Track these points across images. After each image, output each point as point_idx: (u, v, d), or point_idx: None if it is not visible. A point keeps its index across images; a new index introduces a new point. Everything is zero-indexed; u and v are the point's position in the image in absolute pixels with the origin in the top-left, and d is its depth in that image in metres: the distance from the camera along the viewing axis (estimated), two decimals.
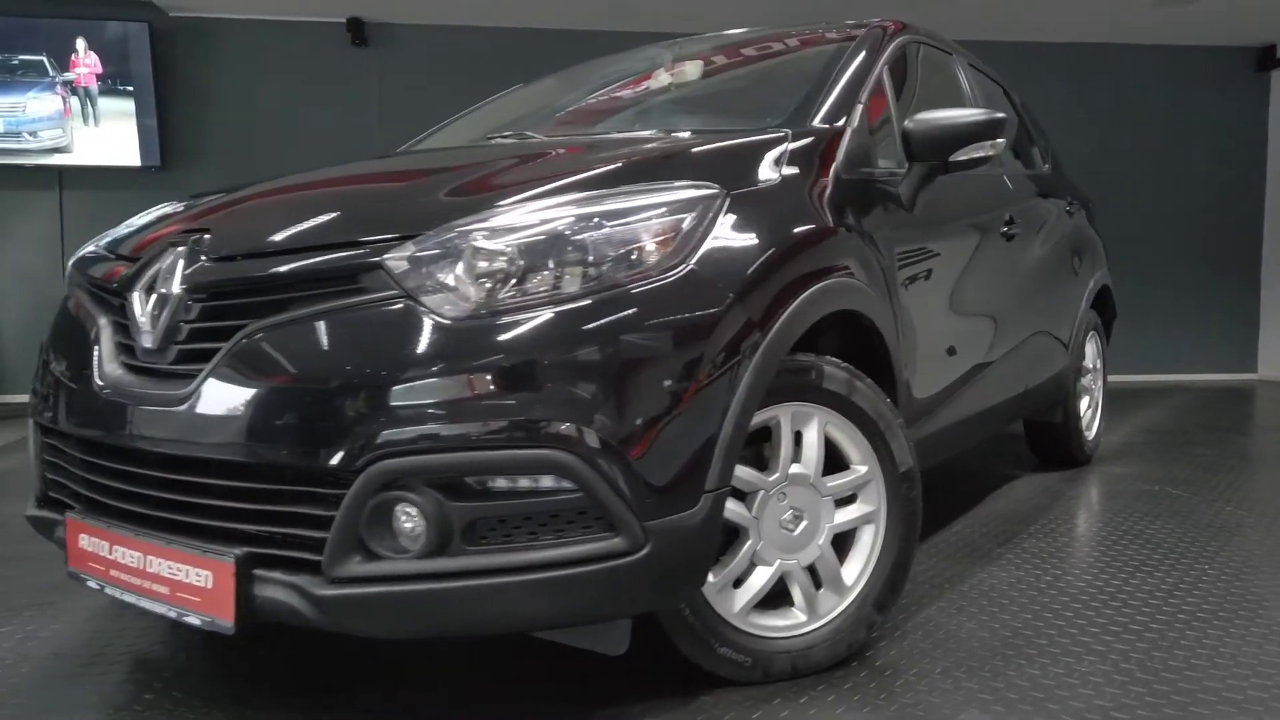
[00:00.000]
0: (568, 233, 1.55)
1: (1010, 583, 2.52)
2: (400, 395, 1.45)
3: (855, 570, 1.97)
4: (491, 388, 1.45)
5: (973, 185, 2.75)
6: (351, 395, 1.46)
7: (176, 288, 1.65)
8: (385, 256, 1.51)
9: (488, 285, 1.50)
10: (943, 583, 2.52)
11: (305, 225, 1.66)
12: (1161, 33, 6.88)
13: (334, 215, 1.69)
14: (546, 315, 1.49)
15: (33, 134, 6.02)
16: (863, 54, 2.46)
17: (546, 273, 1.53)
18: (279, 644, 2.10)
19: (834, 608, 1.94)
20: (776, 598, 1.92)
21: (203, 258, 1.67)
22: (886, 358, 2.10)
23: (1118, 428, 5.05)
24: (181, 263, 1.67)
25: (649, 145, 1.90)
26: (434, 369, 1.46)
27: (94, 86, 6.04)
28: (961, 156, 2.32)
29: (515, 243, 1.53)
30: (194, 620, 1.59)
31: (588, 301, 1.52)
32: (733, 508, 1.80)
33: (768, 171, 1.88)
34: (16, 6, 5.92)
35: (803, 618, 1.91)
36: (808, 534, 1.89)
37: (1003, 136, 2.35)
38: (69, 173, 6.18)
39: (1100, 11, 6.36)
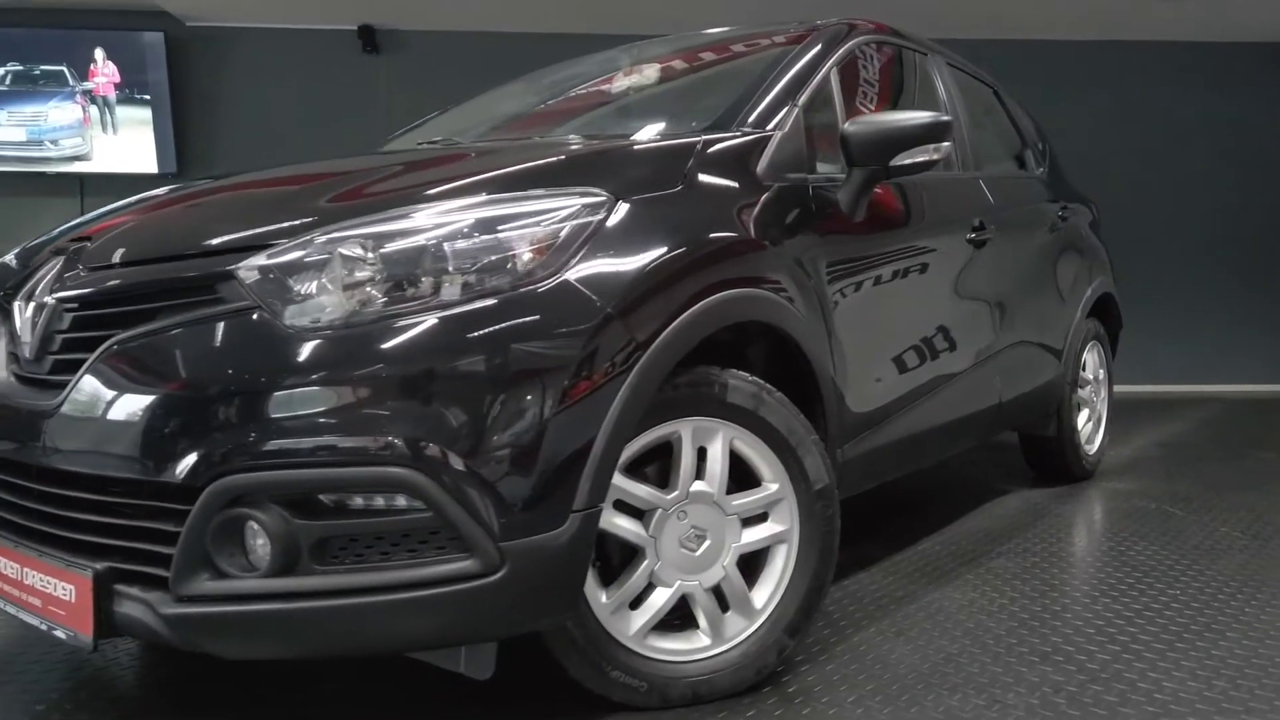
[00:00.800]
0: (427, 243, 1.50)
1: (961, 605, 2.41)
2: (245, 409, 1.42)
3: (766, 592, 1.89)
4: (336, 402, 1.41)
5: (932, 190, 2.65)
6: (199, 409, 1.43)
7: (50, 297, 1.64)
8: (238, 266, 1.48)
9: (338, 296, 1.46)
10: (890, 603, 2.42)
11: (174, 234, 1.64)
12: (1179, 29, 6.61)
13: (203, 224, 1.67)
14: (396, 328, 1.44)
15: (54, 142, 6.17)
16: (807, 56, 2.38)
17: (402, 284, 1.48)
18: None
19: (741, 631, 1.86)
20: (688, 620, 1.85)
21: (79, 267, 1.66)
22: (809, 371, 2.01)
23: (1130, 440, 4.86)
24: (55, 272, 1.66)
25: (543, 151, 1.84)
26: (279, 382, 1.42)
27: (112, 95, 6.17)
28: (903, 161, 2.22)
29: (370, 253, 1.49)
30: (60, 634, 1.57)
31: (442, 314, 1.47)
32: (628, 526, 1.74)
33: (669, 177, 1.82)
34: (37, 18, 6.07)
35: (707, 641, 1.84)
36: (711, 554, 1.82)
37: (947, 140, 2.26)
38: (90, 180, 6.32)
39: (1112, 8, 6.15)
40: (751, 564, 1.92)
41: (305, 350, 1.43)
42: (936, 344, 2.58)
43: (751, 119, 2.14)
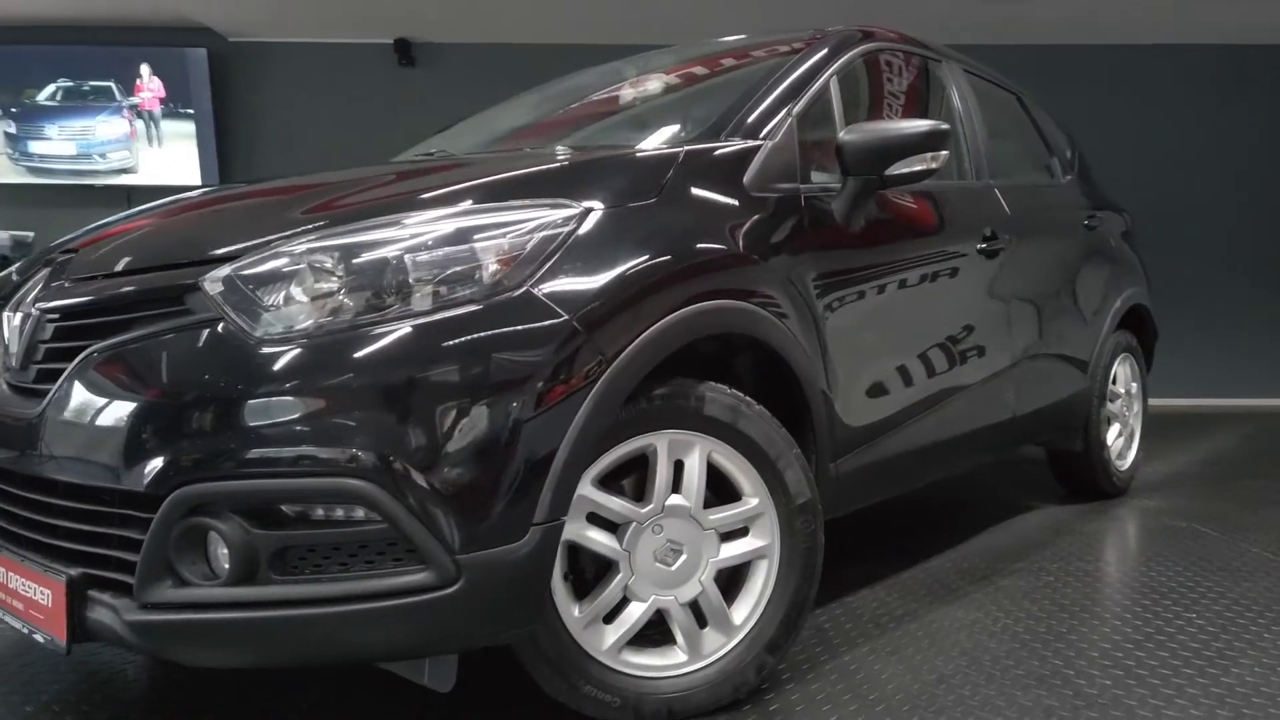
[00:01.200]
0: (388, 255, 1.51)
1: (962, 624, 2.35)
2: (205, 419, 1.43)
3: (746, 609, 1.86)
4: (292, 414, 1.42)
5: (937, 200, 2.60)
6: (162, 418, 1.45)
7: (34, 308, 1.68)
8: (203, 277, 1.50)
9: (299, 308, 1.47)
10: (889, 621, 2.37)
11: (151, 246, 1.67)
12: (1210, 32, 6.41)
13: (179, 236, 1.70)
14: (354, 340, 1.45)
15: (102, 156, 6.36)
16: (806, 64, 2.35)
17: (363, 296, 1.49)
18: None
19: (720, 648, 1.84)
20: (667, 635, 1.83)
21: (63, 278, 1.70)
22: (796, 383, 1.98)
23: (1167, 456, 4.71)
24: (41, 283, 1.70)
25: (522, 163, 1.84)
26: (238, 393, 1.43)
27: (158, 110, 6.34)
28: (899, 170, 2.18)
29: (333, 265, 1.50)
30: (39, 638, 1.60)
31: (401, 326, 1.47)
32: (601, 539, 1.73)
33: (645, 188, 1.80)
34: (86, 36, 6.27)
35: (684, 657, 1.81)
36: (687, 569, 1.79)
37: (944, 149, 2.21)
38: (136, 192, 6.49)
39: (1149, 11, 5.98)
40: (736, 579, 1.90)
41: (264, 362, 1.44)
42: (941, 356, 2.52)
43: (742, 128, 2.12)
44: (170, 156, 6.39)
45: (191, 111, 6.36)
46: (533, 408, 1.50)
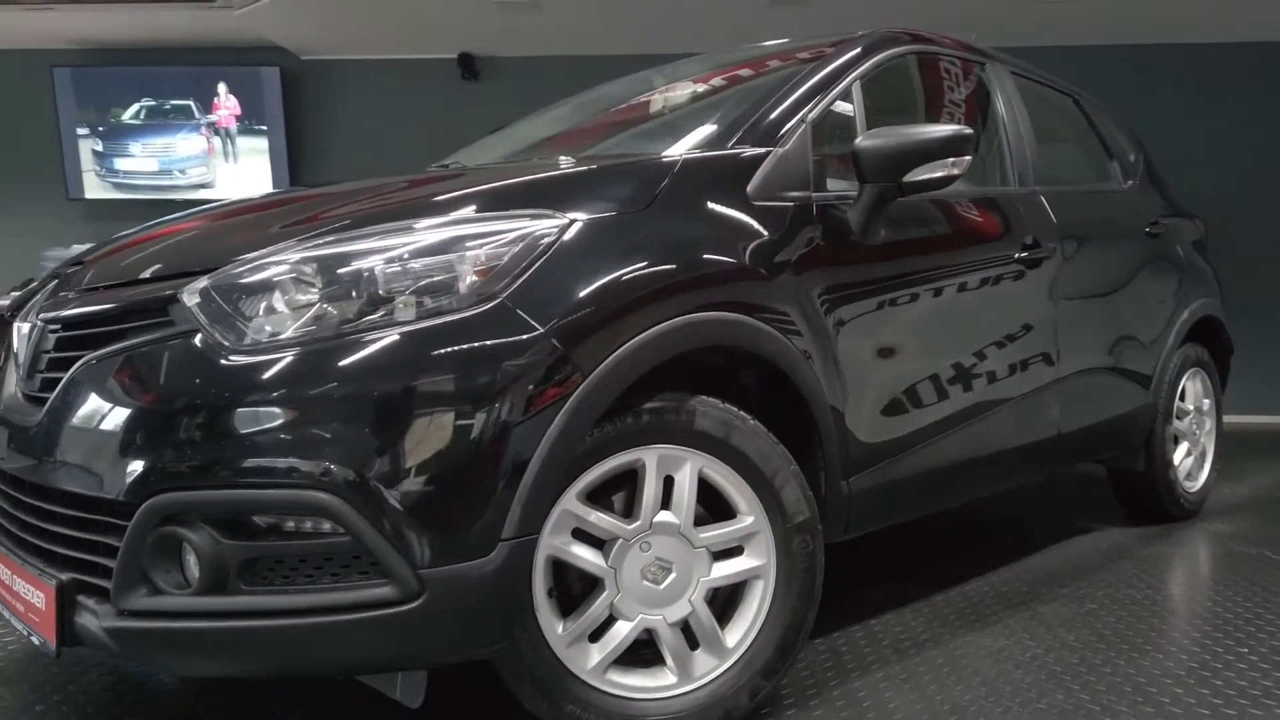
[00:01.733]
0: (361, 268, 1.51)
1: (989, 652, 2.24)
2: (181, 430, 1.45)
3: (740, 631, 1.81)
4: (261, 425, 1.43)
5: (968, 207, 2.49)
6: (140, 428, 1.48)
7: (39, 318, 1.73)
8: (182, 290, 1.52)
9: (273, 319, 1.48)
10: (910, 646, 2.27)
11: (144, 259, 1.71)
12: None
13: (172, 249, 1.73)
14: (322, 352, 1.45)
15: (182, 171, 6.61)
16: (825, 70, 2.28)
17: (336, 308, 1.49)
18: None
19: (711, 670, 1.78)
20: (660, 656, 1.78)
21: (67, 290, 1.75)
22: (801, 398, 1.91)
23: (1246, 478, 4.43)
24: (48, 294, 1.76)
25: (517, 173, 1.82)
26: (210, 403, 1.45)
27: (233, 127, 6.57)
28: (918, 177, 2.10)
29: (308, 277, 1.51)
30: (35, 639, 1.65)
31: (369, 337, 1.46)
32: (586, 556, 1.70)
33: (636, 197, 1.77)
34: (167, 57, 6.54)
35: (673, 679, 1.76)
36: (676, 588, 1.75)
37: (968, 154, 2.12)
38: None
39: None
40: (734, 600, 1.85)
41: (234, 373, 1.45)
42: (970, 371, 2.41)
43: (752, 136, 2.06)
44: (245, 171, 6.60)
45: (265, 127, 6.57)
46: (500, 421, 1.48)
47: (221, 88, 6.53)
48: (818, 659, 2.20)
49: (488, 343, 1.50)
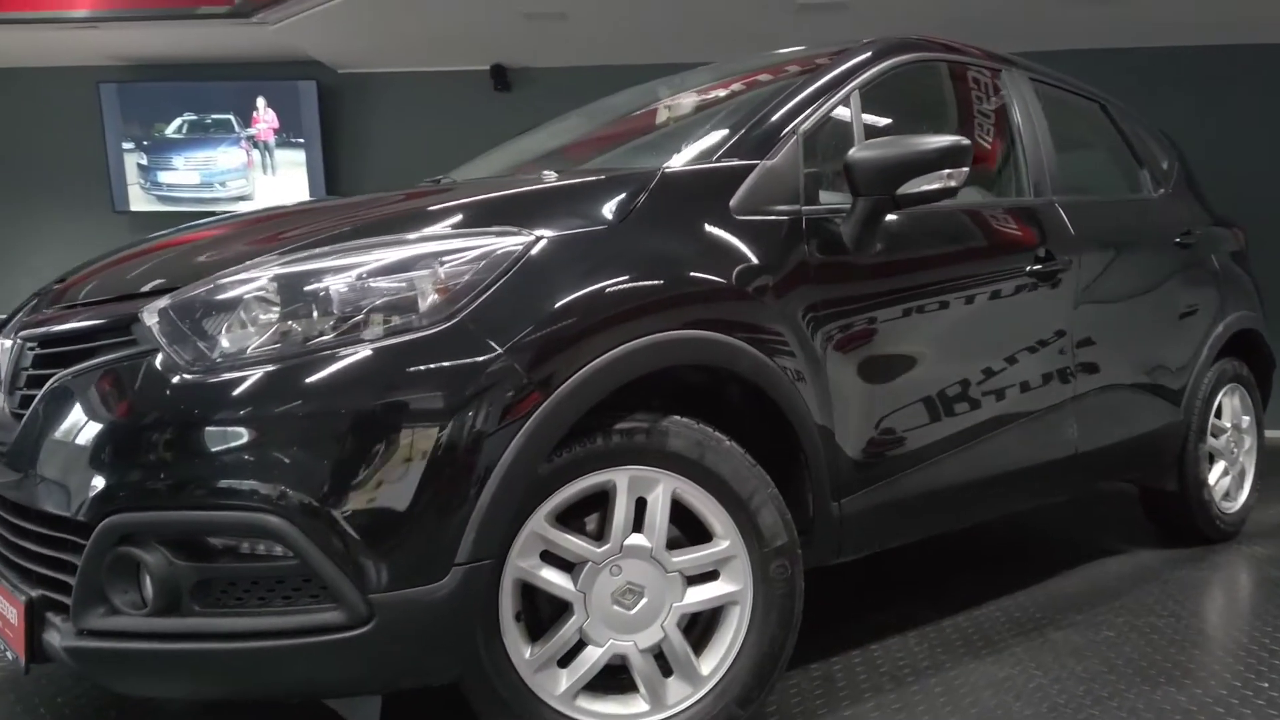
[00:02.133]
0: (317, 288, 1.50)
1: (991, 682, 2.15)
2: (137, 450, 1.45)
3: (716, 658, 1.75)
4: (212, 446, 1.42)
5: (972, 220, 2.42)
6: (101, 447, 1.48)
7: (18, 336, 1.75)
8: (142, 310, 1.53)
9: (230, 339, 1.48)
10: (910, 674, 2.20)
11: (117, 277, 1.72)
12: None
13: (143, 267, 1.74)
14: (275, 373, 1.44)
15: (222, 184, 6.75)
16: (821, 80, 2.22)
17: (292, 328, 1.48)
18: None
19: (685, 699, 1.73)
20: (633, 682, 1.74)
21: (47, 308, 1.77)
22: (782, 417, 1.86)
23: None
24: (29, 311, 1.78)
25: (492, 188, 1.80)
26: (166, 424, 1.45)
27: (272, 140, 6.68)
28: (912, 190, 2.03)
29: (266, 296, 1.50)
30: (9, 654, 1.66)
31: (324, 358, 1.45)
32: (554, 579, 1.66)
33: (608, 212, 1.73)
34: (207, 73, 6.68)
35: (645, 707, 1.72)
36: (648, 613, 1.70)
37: (965, 165, 2.05)
38: None
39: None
40: (713, 625, 1.80)
41: (189, 393, 1.45)
42: (975, 388, 2.33)
43: (741, 149, 2.02)
44: (283, 183, 6.71)
45: (302, 140, 6.67)
46: (453, 444, 1.45)
47: (260, 101, 6.65)
48: (810, 685, 2.13)
49: (444, 363, 1.47)
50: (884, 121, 2.35)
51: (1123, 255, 2.95)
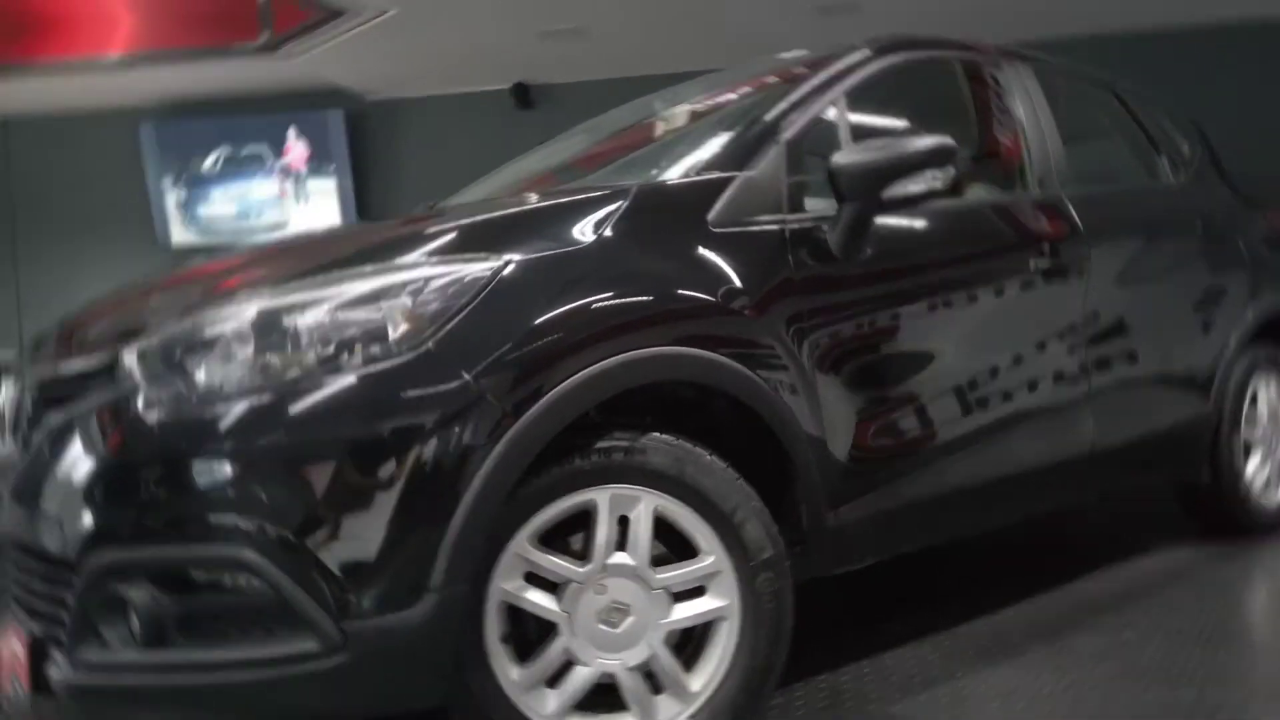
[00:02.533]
0: (292, 322, 1.53)
1: (1000, 692, 2.10)
2: (120, 488, 1.51)
3: (705, 674, 1.74)
4: (189, 481, 1.46)
5: (967, 220, 2.38)
6: (87, 487, 1.53)
7: (19, 380, 1.82)
8: (123, 351, 1.57)
9: (206, 377, 1.51)
10: (919, 684, 2.16)
11: (110, 321, 1.78)
12: None
13: (134, 310, 1.79)
14: (247, 408, 1.48)
15: (258, 215, 6.92)
16: (805, 87, 2.21)
17: (269, 363, 1.51)
18: None
19: (675, 715, 1.72)
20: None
21: (49, 350, 1.83)
22: (765, 428, 1.85)
23: None
24: (30, 354, 1.85)
25: (470, 213, 1.82)
26: (146, 461, 1.49)
27: (303, 170, 6.84)
28: (898, 193, 2.01)
29: (240, 335, 1.53)
30: (20, 690, 1.72)
31: (298, 391, 1.48)
32: (539, 600, 1.67)
33: (581, 233, 1.74)
34: (240, 107, 6.86)
35: None
36: (634, 632, 1.70)
37: (952, 166, 2.02)
38: None
39: None
40: (704, 641, 1.79)
41: (166, 431, 1.49)
42: (978, 390, 2.29)
43: (721, 161, 2.02)
44: (315, 211, 6.86)
45: (333, 168, 6.81)
46: (421, 471, 1.47)
47: (291, 132, 6.81)
48: (817, 697, 2.11)
49: (412, 391, 1.50)
50: (876, 125, 2.34)
51: (1138, 246, 2.88)
